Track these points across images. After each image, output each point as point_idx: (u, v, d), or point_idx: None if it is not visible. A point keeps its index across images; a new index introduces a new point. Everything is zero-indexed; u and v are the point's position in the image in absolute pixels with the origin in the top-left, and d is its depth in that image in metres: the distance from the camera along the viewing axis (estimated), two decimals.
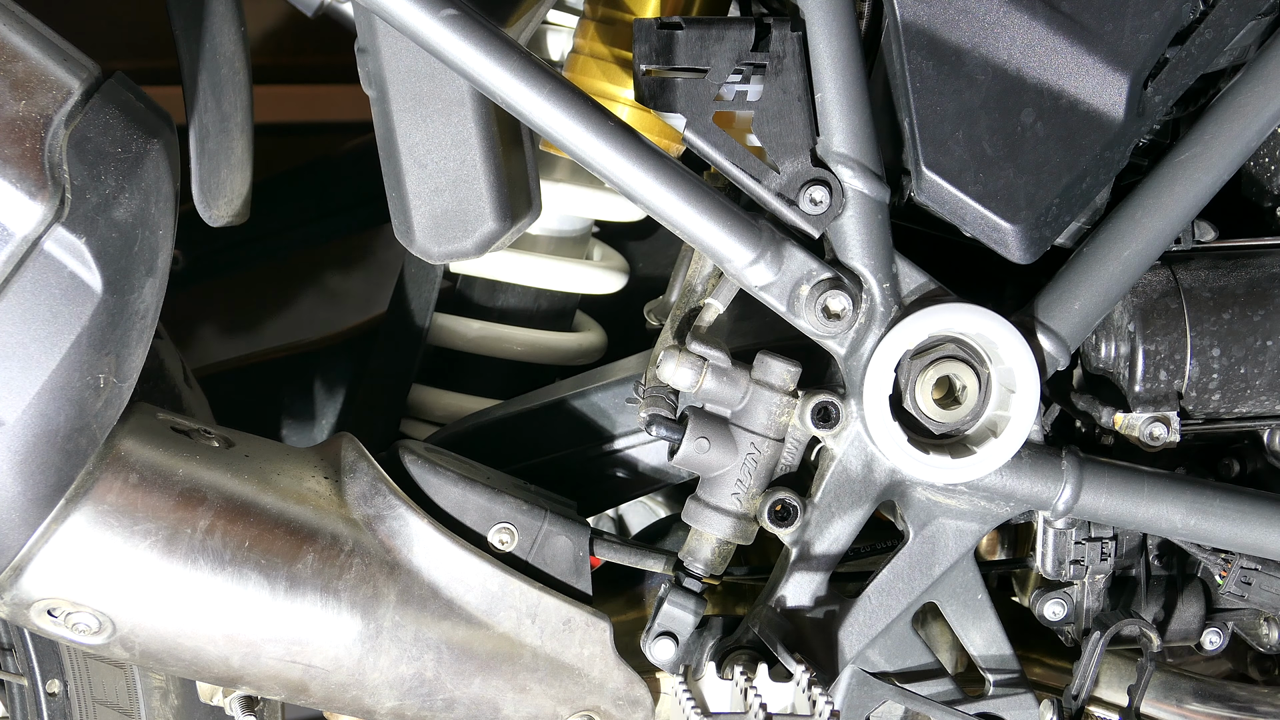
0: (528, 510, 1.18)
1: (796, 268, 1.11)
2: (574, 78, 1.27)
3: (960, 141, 1.12)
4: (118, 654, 1.11)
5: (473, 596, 1.15)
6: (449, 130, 1.14)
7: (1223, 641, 1.37)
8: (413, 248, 1.17)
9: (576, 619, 1.17)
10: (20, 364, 1.01)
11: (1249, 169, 1.28)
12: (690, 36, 1.09)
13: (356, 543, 1.13)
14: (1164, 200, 1.16)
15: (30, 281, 1.01)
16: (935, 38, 1.11)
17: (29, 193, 1.00)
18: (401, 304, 1.47)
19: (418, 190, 1.15)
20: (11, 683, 1.28)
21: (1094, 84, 1.12)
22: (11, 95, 1.00)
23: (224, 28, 1.15)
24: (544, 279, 1.45)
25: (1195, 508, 1.20)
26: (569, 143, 1.06)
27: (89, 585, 1.07)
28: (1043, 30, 1.11)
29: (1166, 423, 1.20)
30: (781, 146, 1.10)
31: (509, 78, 1.04)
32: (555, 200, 1.39)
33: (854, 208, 1.11)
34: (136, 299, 1.05)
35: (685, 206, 1.08)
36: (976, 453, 1.13)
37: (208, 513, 1.09)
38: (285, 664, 1.12)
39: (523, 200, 1.20)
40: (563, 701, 1.18)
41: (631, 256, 1.58)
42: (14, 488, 1.03)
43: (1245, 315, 1.21)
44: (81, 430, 1.04)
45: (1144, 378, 1.20)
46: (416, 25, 1.03)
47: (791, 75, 1.09)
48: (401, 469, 1.18)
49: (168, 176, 1.08)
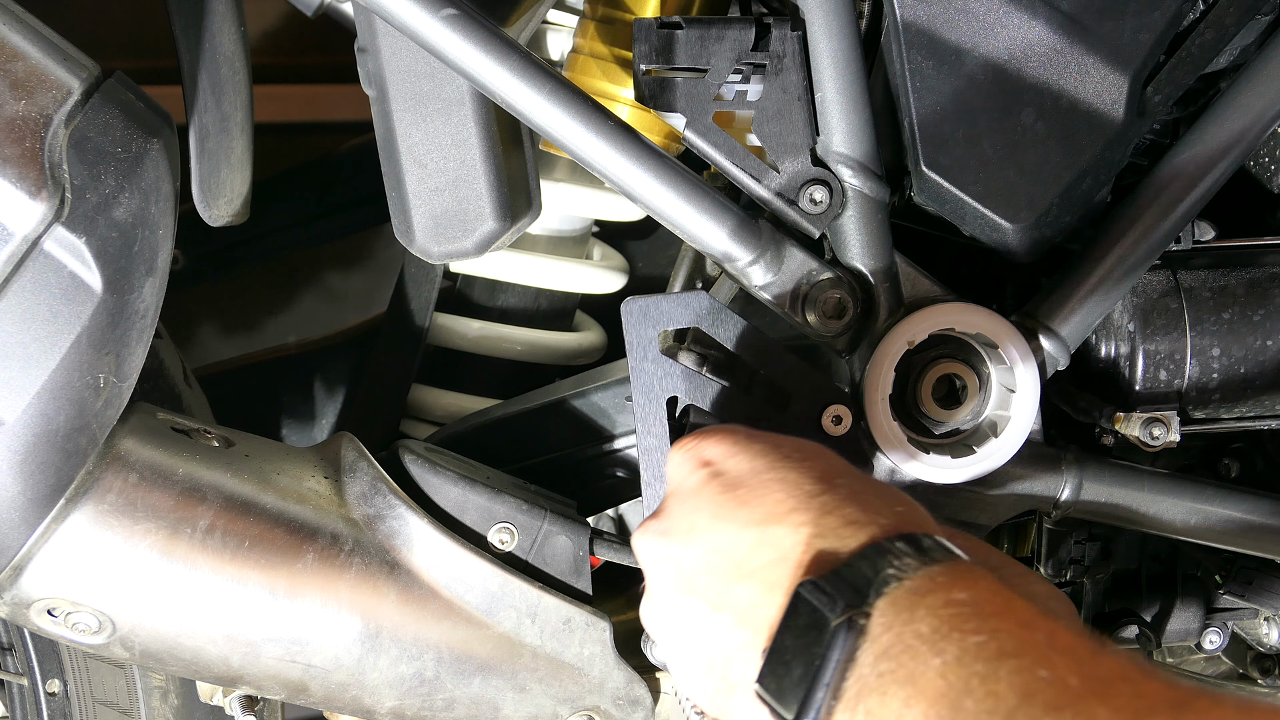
0: (528, 510, 1.19)
1: (796, 267, 1.11)
2: (574, 78, 1.27)
3: (960, 141, 1.12)
4: (118, 654, 1.11)
5: (473, 596, 1.15)
6: (449, 130, 1.14)
7: (1223, 641, 1.37)
8: (413, 248, 1.17)
9: (576, 619, 1.17)
10: (20, 364, 1.01)
11: (1249, 169, 1.28)
12: (690, 36, 1.09)
13: (356, 542, 1.13)
14: (1164, 200, 1.16)
15: (30, 281, 1.01)
16: (935, 38, 1.11)
17: (29, 192, 1.00)
18: (401, 304, 1.47)
19: (418, 190, 1.15)
20: (11, 682, 1.28)
21: (1094, 84, 1.12)
22: (11, 95, 1.00)
23: (224, 28, 1.15)
24: (544, 279, 1.45)
25: (1195, 508, 1.21)
26: (569, 143, 1.06)
27: (89, 585, 1.07)
28: (1043, 30, 1.11)
29: (1166, 423, 1.20)
30: (781, 146, 1.10)
31: (509, 78, 1.04)
32: (555, 200, 1.39)
33: (854, 207, 1.11)
34: (136, 299, 1.05)
35: (685, 206, 1.08)
36: (976, 452, 1.13)
37: (208, 512, 1.09)
38: (285, 664, 1.12)
39: (523, 200, 1.20)
40: (563, 701, 1.18)
41: (631, 256, 1.58)
42: (14, 487, 1.03)
43: (1245, 315, 1.21)
44: (81, 430, 1.04)
45: (1144, 378, 1.20)
46: (416, 25, 1.03)
47: (791, 75, 1.09)
48: (401, 469, 1.18)
49: (168, 176, 1.08)
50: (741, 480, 0.94)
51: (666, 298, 1.10)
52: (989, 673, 0.72)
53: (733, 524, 0.91)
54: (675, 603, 0.94)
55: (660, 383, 1.09)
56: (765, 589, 0.88)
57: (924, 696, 0.74)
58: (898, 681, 0.76)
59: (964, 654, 0.74)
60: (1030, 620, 0.76)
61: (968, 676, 0.73)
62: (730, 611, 0.90)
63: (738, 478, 0.94)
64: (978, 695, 0.72)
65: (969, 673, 0.73)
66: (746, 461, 0.95)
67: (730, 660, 0.89)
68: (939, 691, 0.73)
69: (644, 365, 1.09)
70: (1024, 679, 0.71)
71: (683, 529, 0.95)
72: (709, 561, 0.92)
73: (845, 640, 0.79)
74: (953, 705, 0.72)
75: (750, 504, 0.92)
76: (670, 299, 1.10)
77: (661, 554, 0.96)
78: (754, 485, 0.93)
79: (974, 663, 0.73)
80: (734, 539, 0.91)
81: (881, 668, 0.77)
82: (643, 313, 1.10)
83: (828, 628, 0.80)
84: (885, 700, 0.76)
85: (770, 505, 0.91)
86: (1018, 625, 0.76)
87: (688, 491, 0.97)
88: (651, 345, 1.10)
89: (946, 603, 0.78)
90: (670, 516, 0.97)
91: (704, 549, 0.92)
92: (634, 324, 1.10)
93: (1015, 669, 0.72)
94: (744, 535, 0.90)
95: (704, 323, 1.09)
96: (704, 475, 0.96)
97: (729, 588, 0.90)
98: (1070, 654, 0.73)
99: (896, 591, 0.80)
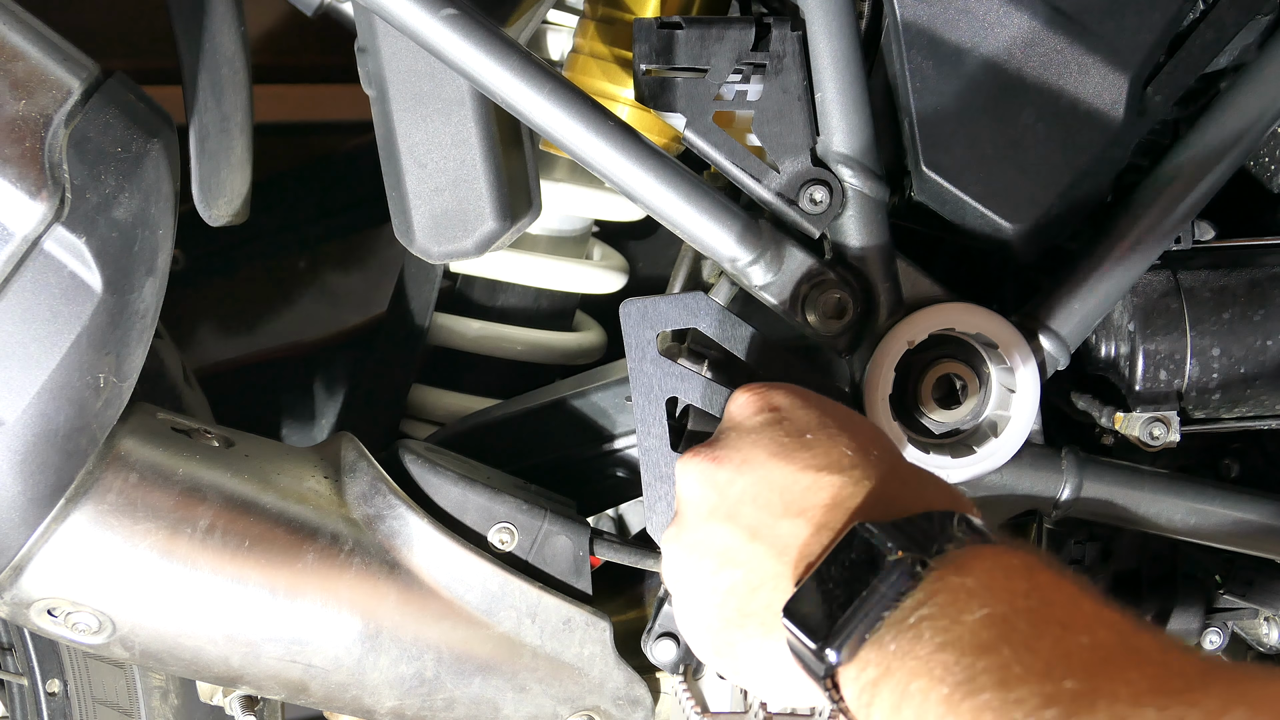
0: (528, 510, 1.18)
1: (796, 267, 1.11)
2: (574, 78, 1.27)
3: (960, 141, 1.12)
4: (118, 654, 1.11)
5: (473, 596, 1.15)
6: (449, 130, 1.14)
7: (1223, 641, 1.37)
8: (413, 248, 1.17)
9: (576, 619, 1.17)
10: (20, 364, 1.01)
11: (1249, 169, 1.28)
12: (690, 36, 1.09)
13: (356, 542, 1.13)
14: (1164, 200, 1.16)
15: (30, 281, 1.01)
16: (935, 38, 1.11)
17: (29, 192, 1.00)
18: (401, 304, 1.47)
19: (418, 190, 1.15)
20: (11, 682, 1.28)
21: (1094, 84, 1.12)
22: (11, 95, 1.00)
23: (224, 28, 1.15)
24: (544, 279, 1.45)
25: (1195, 508, 1.21)
26: (569, 143, 1.06)
27: (89, 585, 1.07)
28: (1043, 30, 1.11)
29: (1166, 423, 1.20)
30: (781, 146, 1.10)
31: (509, 78, 1.04)
32: (555, 200, 1.39)
33: (854, 207, 1.11)
34: (136, 299, 1.05)
35: (685, 206, 1.08)
36: (977, 452, 1.13)
37: (208, 512, 1.09)
38: (285, 663, 1.12)
39: (523, 200, 1.20)
40: (563, 701, 1.18)
41: (631, 256, 1.58)
42: (14, 487, 1.03)
43: (1245, 315, 1.21)
44: (81, 430, 1.04)
45: (1144, 378, 1.20)
46: (416, 25, 1.03)
47: (791, 75, 1.09)
48: (401, 469, 1.18)
49: (168, 176, 1.08)
50: (809, 427, 0.95)
51: (665, 299, 1.10)
52: (1031, 631, 0.74)
53: (792, 464, 0.93)
54: (708, 527, 0.95)
55: (660, 384, 1.10)
56: (814, 528, 0.89)
57: (959, 642, 0.75)
58: (936, 626, 0.76)
59: (1010, 611, 0.75)
60: (1078, 595, 0.78)
61: (1009, 630, 0.74)
62: (768, 543, 0.90)
63: (805, 426, 0.96)
64: (1015, 647, 0.73)
65: (1010, 628, 0.74)
66: (815, 416, 0.97)
67: (755, 590, 0.90)
68: (977, 640, 0.74)
69: (643, 366, 1.10)
70: (1065, 642, 0.73)
71: (736, 459, 0.96)
72: (757, 493, 0.93)
73: (897, 579, 0.80)
74: (987, 652, 0.73)
75: (813, 449, 0.93)
76: (669, 300, 1.10)
77: (707, 477, 0.97)
78: (820, 435, 0.94)
79: (1018, 620, 0.75)
80: (790, 477, 0.92)
81: (922, 612, 0.78)
82: (641, 314, 1.10)
83: (882, 563, 0.81)
84: (919, 642, 0.76)
85: (835, 455, 0.92)
86: (1066, 598, 0.77)
87: (749, 428, 0.98)
88: (650, 346, 1.10)
89: (1002, 567, 0.79)
90: (726, 445, 0.98)
91: (755, 480, 0.93)
92: (633, 325, 1.10)
93: (1059, 634, 0.73)
94: (801, 476, 0.92)
95: (702, 323, 1.10)
96: (769, 417, 0.97)
97: (774, 520, 0.91)
98: (1114, 627, 0.74)
99: (954, 550, 0.81)
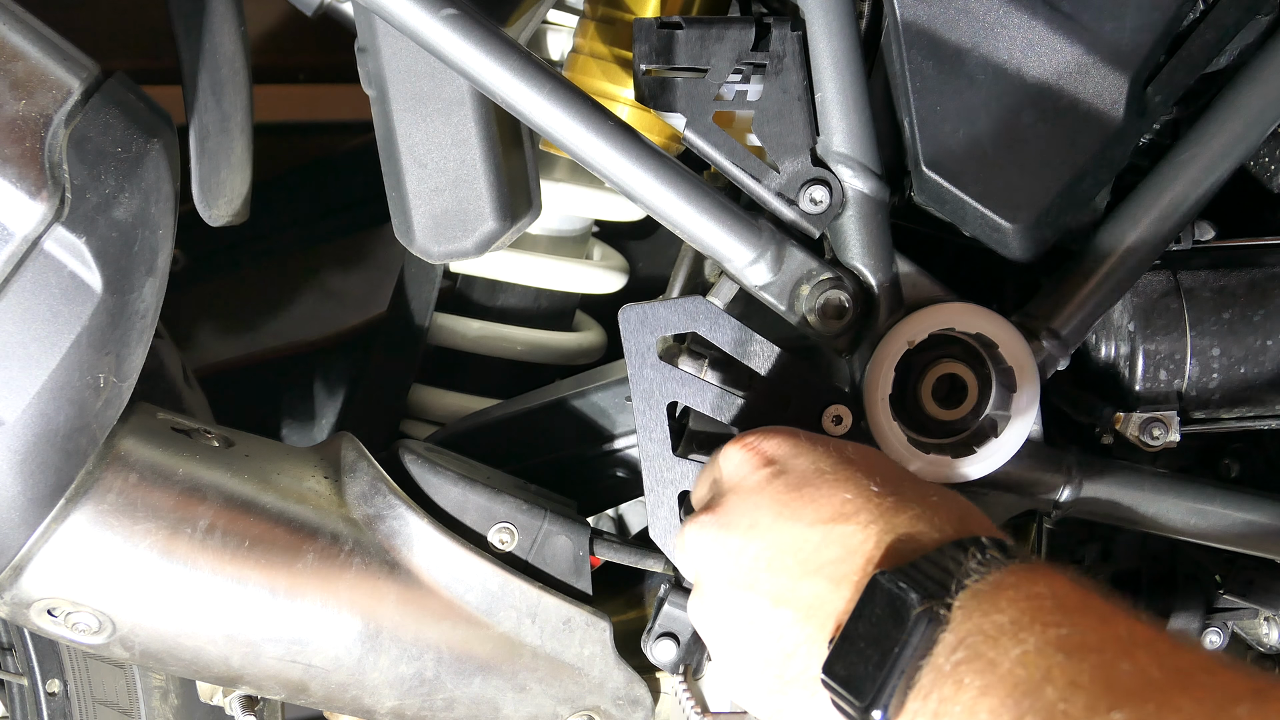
0: (528, 510, 1.19)
1: (796, 267, 1.11)
2: (574, 78, 1.27)
3: (960, 141, 1.12)
4: (118, 654, 1.11)
5: (473, 596, 1.15)
6: (449, 130, 1.14)
7: (1223, 641, 1.37)
8: (413, 247, 1.17)
9: (576, 619, 1.17)
10: (20, 364, 1.01)
11: (1249, 169, 1.28)
12: (690, 36, 1.09)
13: (356, 542, 1.13)
14: (1164, 200, 1.16)
15: (30, 281, 1.01)
16: (935, 38, 1.11)
17: (29, 192, 1.00)
18: (401, 304, 1.47)
19: (418, 190, 1.15)
20: (11, 682, 1.28)
21: (1094, 84, 1.12)
22: (11, 95, 1.00)
23: (224, 28, 1.15)
24: (544, 279, 1.45)
25: (1195, 508, 1.21)
26: (569, 143, 1.06)
27: (89, 585, 1.07)
28: (1043, 30, 1.11)
29: (1166, 423, 1.20)
30: (781, 146, 1.10)
31: (509, 78, 1.04)
32: (555, 200, 1.39)
33: (854, 207, 1.11)
34: (136, 299, 1.05)
35: (685, 206, 1.08)
36: (977, 452, 1.13)
37: (208, 512, 1.09)
38: (285, 664, 1.12)
39: (523, 200, 1.20)
40: (563, 701, 1.18)
41: (631, 256, 1.58)
42: (14, 487, 1.03)
43: (1245, 315, 1.21)
44: (81, 430, 1.04)
45: (1144, 378, 1.20)
46: (416, 25, 1.03)
47: (791, 75, 1.09)
48: (401, 469, 1.18)
49: (168, 176, 1.08)
50: (806, 479, 0.94)
51: (664, 304, 1.10)
52: (1070, 664, 0.72)
53: (798, 522, 0.91)
54: (732, 598, 0.94)
55: (660, 388, 1.09)
56: (833, 584, 0.88)
57: (1002, 685, 0.73)
58: (975, 670, 0.75)
59: (1045, 644, 0.74)
60: (1109, 615, 0.76)
61: (1049, 666, 0.72)
62: (793, 606, 0.89)
63: (802, 477, 0.94)
64: (1058, 684, 0.71)
65: (1050, 663, 0.73)
66: (810, 462, 0.95)
67: (790, 656, 0.89)
68: (1018, 680, 0.73)
69: (643, 371, 1.09)
70: (1106, 671, 0.71)
71: (744, 524, 0.94)
72: (771, 558, 0.91)
73: (926, 629, 0.79)
74: (1030, 693, 0.72)
75: (817, 502, 0.92)
76: (667, 305, 1.10)
77: (720, 548, 0.95)
78: (819, 485, 0.93)
79: (1055, 653, 0.73)
80: (799, 536, 0.91)
81: (957, 656, 0.77)
82: (640, 319, 1.10)
83: (909, 615, 0.80)
84: (960, 688, 0.75)
85: (837, 504, 0.91)
86: (1098, 620, 0.76)
87: (749, 488, 0.96)
88: (650, 351, 1.10)
89: (1027, 596, 0.78)
90: (730, 511, 0.96)
91: (766, 545, 0.92)
92: (632, 331, 1.10)
93: (1098, 662, 0.72)
94: (810, 533, 0.90)
95: (701, 327, 1.09)
96: (767, 473, 0.96)
97: (793, 583, 0.90)
98: (1150, 647, 0.73)
99: (978, 585, 0.80)
